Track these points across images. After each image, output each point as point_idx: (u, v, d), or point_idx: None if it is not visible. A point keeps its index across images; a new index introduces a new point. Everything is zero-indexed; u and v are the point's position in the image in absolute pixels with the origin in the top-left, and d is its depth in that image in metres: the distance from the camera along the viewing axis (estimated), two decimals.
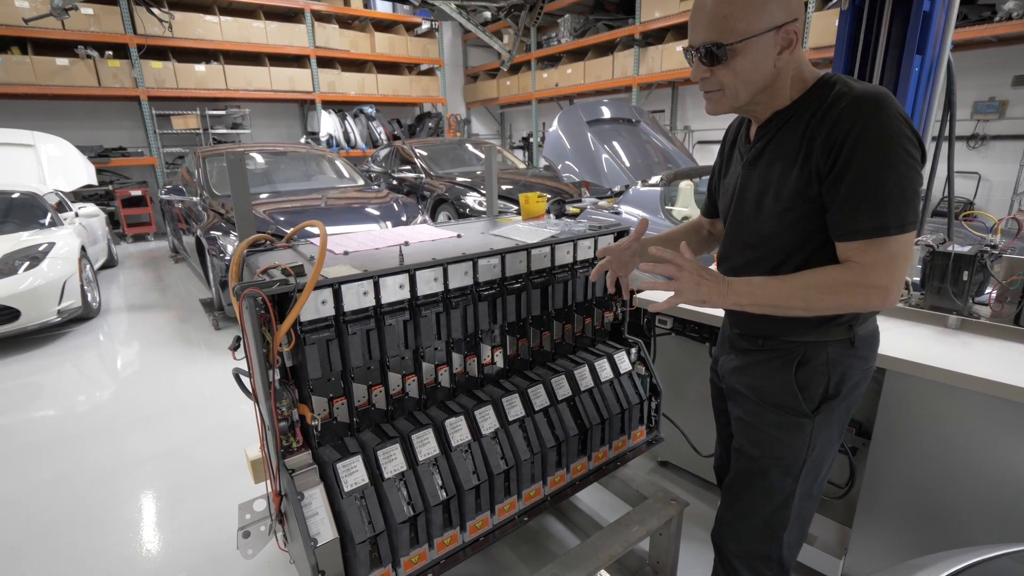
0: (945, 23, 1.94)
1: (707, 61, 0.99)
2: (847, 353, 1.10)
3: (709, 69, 1.00)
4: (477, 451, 1.34)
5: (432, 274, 1.32)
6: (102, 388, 3.49)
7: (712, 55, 0.98)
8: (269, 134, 10.27)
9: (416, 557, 1.25)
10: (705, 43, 0.98)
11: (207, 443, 2.76)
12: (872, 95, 0.93)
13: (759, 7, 0.94)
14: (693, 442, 2.06)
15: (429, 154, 7.66)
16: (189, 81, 8.54)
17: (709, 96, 1.04)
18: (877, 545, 1.64)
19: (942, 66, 1.98)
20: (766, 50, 0.96)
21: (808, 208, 1.01)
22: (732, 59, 0.97)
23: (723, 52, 0.96)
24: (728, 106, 1.05)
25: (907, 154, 0.92)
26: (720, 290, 1.00)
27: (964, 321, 1.69)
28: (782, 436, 1.14)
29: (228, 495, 2.32)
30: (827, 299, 0.97)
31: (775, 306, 1.01)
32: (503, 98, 11.95)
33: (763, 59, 0.97)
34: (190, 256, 5.61)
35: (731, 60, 0.97)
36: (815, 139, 0.97)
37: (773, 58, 0.98)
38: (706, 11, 0.97)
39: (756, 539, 1.21)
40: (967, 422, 1.43)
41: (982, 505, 1.43)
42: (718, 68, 0.99)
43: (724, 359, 1.30)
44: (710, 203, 1.38)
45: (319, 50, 9.58)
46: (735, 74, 0.99)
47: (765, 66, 0.98)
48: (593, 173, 4.55)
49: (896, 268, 0.94)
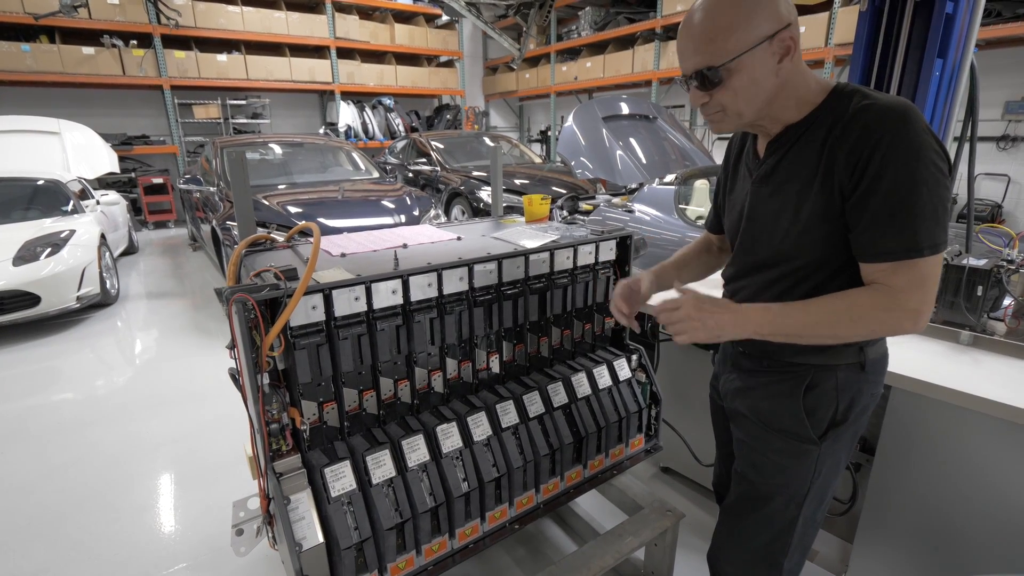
0: (969, 26, 1.85)
1: (703, 87, 0.95)
2: (857, 377, 1.06)
3: (707, 94, 0.96)
4: (468, 458, 1.34)
5: (426, 279, 1.31)
6: (118, 374, 3.57)
7: (706, 80, 0.93)
8: (288, 124, 10.36)
9: (403, 563, 1.25)
10: (697, 68, 0.94)
11: (217, 432, 2.81)
12: (898, 107, 0.88)
13: (744, 21, 0.89)
14: (695, 450, 2.03)
15: (445, 147, 7.64)
16: (211, 70, 8.64)
17: (711, 117, 1.00)
18: (878, 564, 1.60)
19: (964, 70, 1.89)
20: (763, 63, 0.92)
21: (830, 228, 0.95)
22: (728, 79, 0.92)
23: (716, 74, 0.92)
24: (733, 125, 1.01)
25: (937, 169, 0.86)
26: (736, 320, 0.95)
27: (977, 338, 1.63)
28: (787, 463, 1.10)
29: (233, 486, 2.36)
30: (856, 326, 0.92)
31: (800, 335, 0.95)
32: (522, 91, 11.86)
33: (761, 73, 0.92)
34: (207, 245, 5.70)
35: (727, 81, 0.93)
36: (836, 154, 0.92)
37: (773, 69, 0.93)
38: (693, 36, 0.94)
39: (755, 565, 1.18)
40: (976, 444, 1.38)
41: (988, 530, 1.38)
42: (716, 91, 0.95)
43: (726, 378, 1.25)
44: (715, 218, 1.32)
45: (339, 41, 9.61)
46: (734, 93, 0.94)
47: (765, 79, 0.93)
48: (607, 170, 4.48)
49: (928, 291, 0.89)
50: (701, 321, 0.95)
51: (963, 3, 1.78)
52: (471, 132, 9.31)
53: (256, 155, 5.91)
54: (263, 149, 6.06)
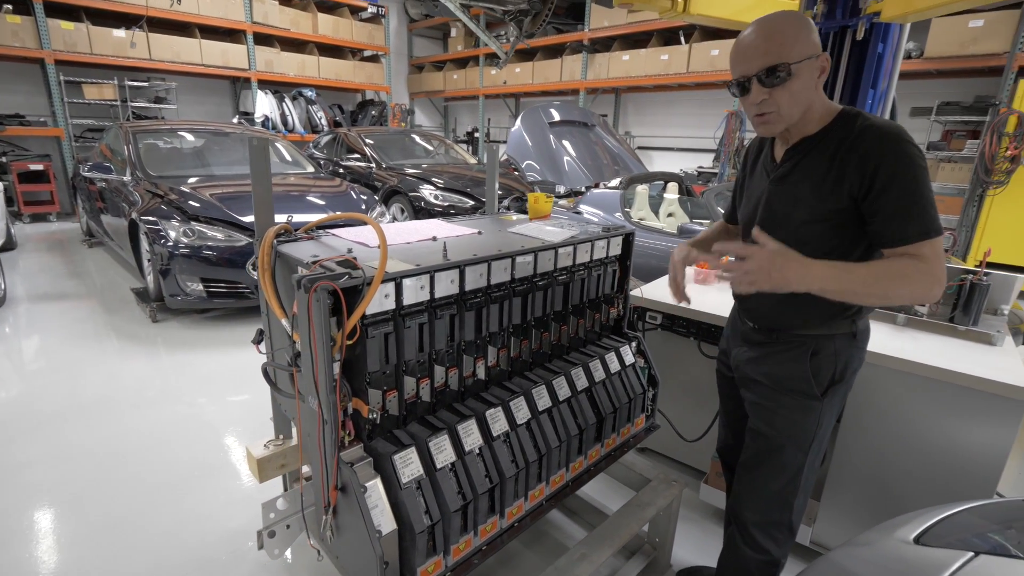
0: (893, 62, 2.24)
1: (768, 83, 1.12)
2: (849, 344, 1.29)
3: (768, 91, 1.13)
4: (514, 440, 1.40)
5: (478, 270, 1.36)
6: (26, 385, 3.14)
7: (774, 75, 1.10)
8: (197, 111, 9.53)
9: (463, 544, 1.29)
10: (767, 66, 1.10)
11: (167, 443, 2.59)
12: (896, 128, 1.11)
13: (806, 35, 1.10)
14: (677, 429, 2.24)
15: (378, 143, 7.46)
16: (105, 47, 7.74)
17: (765, 118, 1.17)
18: (841, 514, 1.88)
19: (890, 98, 2.28)
20: (810, 74, 1.12)
21: (838, 220, 1.16)
22: (791, 79, 1.11)
23: (786, 71, 1.10)
24: (781, 126, 1.18)
25: (927, 174, 1.10)
26: (802, 273, 1.03)
27: (909, 319, 1.97)
28: (796, 417, 1.31)
29: (205, 499, 2.21)
30: (901, 287, 1.05)
31: (855, 292, 1.06)
32: (449, 91, 11.85)
33: (810, 81, 1.13)
34: (115, 240, 5.12)
35: (791, 80, 1.11)
36: (847, 164, 1.13)
37: (814, 83, 1.14)
38: (763, 38, 1.11)
39: (772, 508, 1.38)
40: (913, 401, 1.69)
41: (931, 474, 1.69)
42: (777, 90, 1.12)
43: (737, 351, 1.45)
44: (732, 210, 1.54)
45: (257, 26, 9.01)
46: (791, 94, 1.12)
47: (809, 89, 1.13)
48: (555, 173, 4.68)
49: (943, 263, 1.08)
50: (769, 272, 1.02)
51: (890, 44, 2.15)
52: (400, 129, 9.15)
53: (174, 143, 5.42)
54: (185, 136, 5.56)
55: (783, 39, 1.10)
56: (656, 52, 7.99)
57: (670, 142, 9.30)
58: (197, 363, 3.48)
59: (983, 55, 5.45)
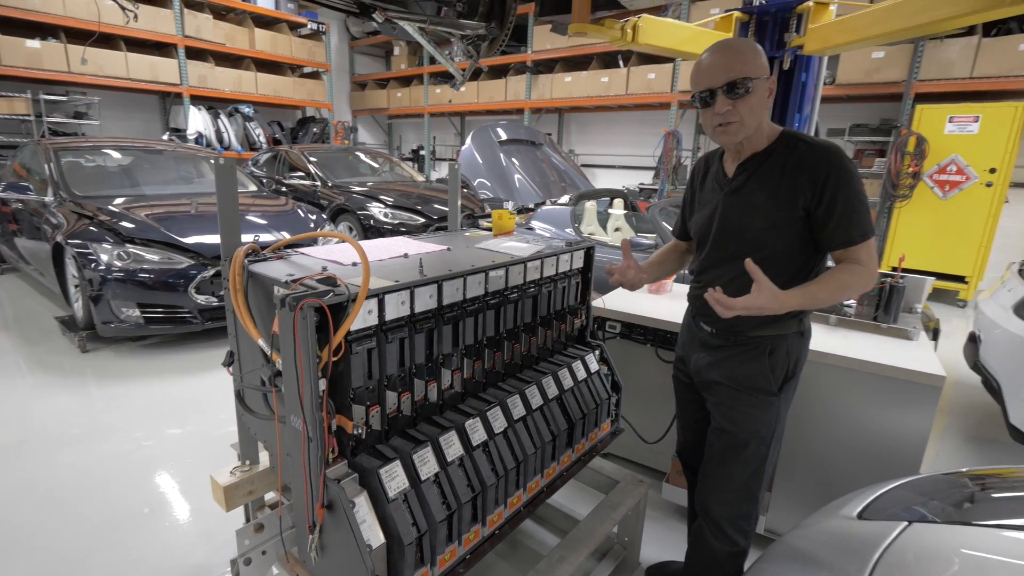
0: (815, 90, 2.50)
1: (732, 95, 1.26)
2: (799, 342, 1.43)
3: (732, 103, 1.27)
4: (493, 449, 1.44)
5: (455, 285, 1.40)
6: None
7: (738, 88, 1.25)
8: (122, 127, 9.01)
9: (448, 554, 1.31)
10: (733, 79, 1.25)
11: (105, 482, 2.41)
12: (836, 146, 1.29)
13: (761, 58, 1.28)
14: (638, 431, 2.34)
15: (322, 161, 7.32)
16: (17, 57, 7.21)
17: (728, 127, 1.30)
18: (791, 501, 2.03)
19: (813, 120, 2.53)
20: (764, 91, 1.29)
21: (791, 227, 1.32)
22: (752, 93, 1.26)
23: (749, 85, 1.25)
24: (742, 135, 1.32)
25: (862, 185, 1.28)
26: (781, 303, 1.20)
27: (840, 319, 2.18)
28: (757, 413, 1.42)
29: (159, 535, 2.09)
30: (849, 291, 1.29)
31: (814, 304, 1.27)
32: (393, 109, 11.83)
33: (763, 99, 1.29)
34: (34, 265, 4.74)
35: (751, 94, 1.26)
36: (798, 178, 1.28)
37: (766, 101, 1.30)
38: (728, 57, 1.27)
39: (740, 501, 1.49)
40: (852, 395, 1.87)
41: (866, 457, 1.87)
42: (739, 101, 1.26)
43: (696, 357, 1.56)
44: (683, 227, 1.66)
45: (189, 40, 8.67)
46: (751, 107, 1.27)
47: (763, 105, 1.30)
48: (507, 190, 4.79)
49: (876, 260, 1.30)
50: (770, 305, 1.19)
51: (812, 73, 2.41)
52: (343, 147, 9.02)
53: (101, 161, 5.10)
54: (112, 154, 5.25)
55: (744, 58, 1.26)
56: (597, 74, 8.37)
57: (612, 160, 9.70)
58: (133, 394, 3.27)
59: (885, 83, 6.10)
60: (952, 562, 1.06)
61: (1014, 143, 5.16)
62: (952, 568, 1.04)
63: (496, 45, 2.31)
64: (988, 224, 5.40)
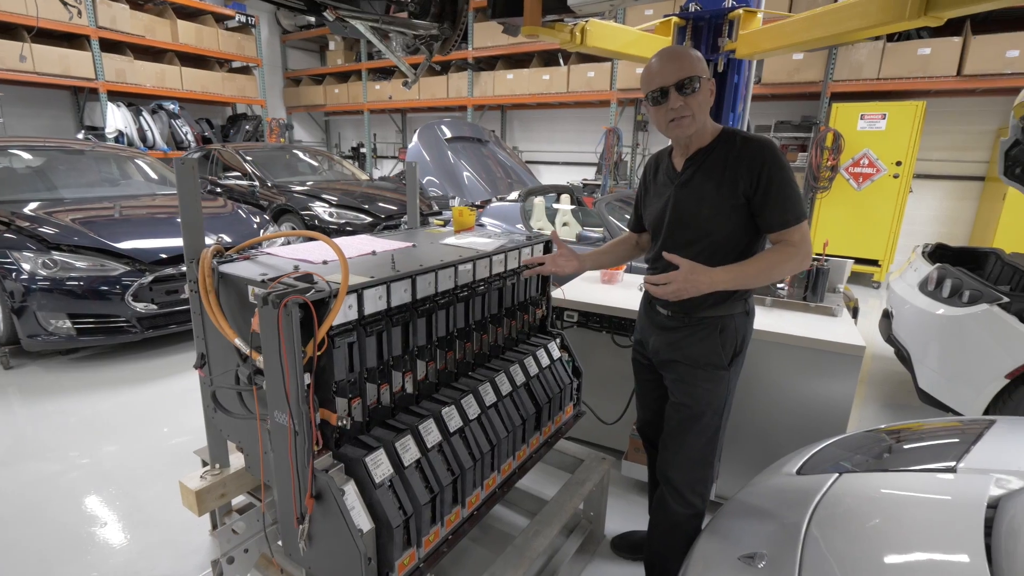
0: (747, 90, 2.71)
1: (684, 92, 1.40)
2: (745, 321, 1.59)
3: (683, 99, 1.41)
4: (469, 434, 1.51)
5: (427, 279, 1.45)
6: None
7: (687, 87, 1.39)
8: (29, 125, 8.28)
9: (432, 536, 1.37)
10: (684, 77, 1.39)
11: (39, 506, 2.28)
12: (768, 140, 1.45)
13: (702, 61, 1.44)
14: (597, 413, 2.47)
15: (259, 160, 7.03)
16: None
17: (680, 122, 1.44)
18: (737, 467, 2.22)
19: (745, 118, 2.75)
20: (707, 90, 1.44)
21: (735, 213, 1.46)
22: (700, 90, 1.40)
23: (697, 83, 1.39)
24: (693, 129, 1.46)
25: (793, 174, 1.44)
26: (711, 280, 1.36)
27: (775, 300, 2.40)
28: (711, 387, 1.57)
29: (116, 552, 2.00)
30: (781, 269, 1.42)
31: (747, 283, 1.41)
32: (331, 106, 11.51)
33: (707, 96, 1.45)
34: None
35: (699, 91, 1.41)
36: (738, 169, 1.43)
37: (710, 99, 1.45)
38: (677, 59, 1.41)
39: (697, 467, 1.63)
40: (787, 367, 2.07)
41: (800, 422, 2.09)
42: (690, 97, 1.41)
43: (655, 339, 1.69)
44: (637, 220, 1.79)
45: (103, 31, 8.07)
46: (699, 103, 1.42)
47: (708, 103, 1.45)
48: (456, 187, 4.81)
49: (810, 242, 1.45)
50: (686, 287, 1.35)
51: (743, 75, 2.62)
52: (280, 145, 8.69)
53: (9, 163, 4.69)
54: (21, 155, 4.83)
55: (692, 60, 1.42)
56: (538, 72, 8.52)
57: (555, 156, 9.90)
58: (68, 411, 3.08)
59: (805, 82, 6.60)
60: (876, 502, 1.24)
61: (916, 138, 5.75)
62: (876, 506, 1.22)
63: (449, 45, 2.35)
64: (896, 212, 5.99)
